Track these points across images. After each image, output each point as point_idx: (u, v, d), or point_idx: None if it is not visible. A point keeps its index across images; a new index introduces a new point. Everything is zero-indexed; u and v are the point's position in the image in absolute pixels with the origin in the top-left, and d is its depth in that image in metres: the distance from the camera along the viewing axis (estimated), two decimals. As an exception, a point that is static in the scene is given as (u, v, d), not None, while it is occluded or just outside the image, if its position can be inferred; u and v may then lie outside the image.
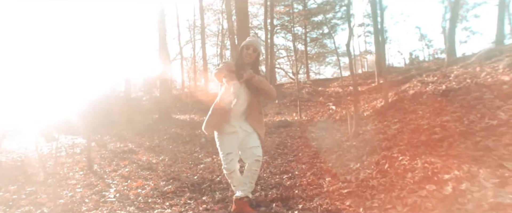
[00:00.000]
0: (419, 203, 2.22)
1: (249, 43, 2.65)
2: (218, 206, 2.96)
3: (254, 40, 2.70)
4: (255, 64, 2.69)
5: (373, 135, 3.89)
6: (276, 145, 5.07)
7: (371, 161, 3.13)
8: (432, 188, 2.31)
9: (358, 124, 4.16)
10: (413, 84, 6.00)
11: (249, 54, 2.62)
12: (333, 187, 2.88)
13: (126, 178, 4.51)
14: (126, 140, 8.16)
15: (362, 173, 2.99)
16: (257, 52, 2.65)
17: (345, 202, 2.58)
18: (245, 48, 2.63)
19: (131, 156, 6.08)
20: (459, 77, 4.86)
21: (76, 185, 4.43)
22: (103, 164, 5.63)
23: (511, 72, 4.13)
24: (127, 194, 3.73)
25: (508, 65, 4.48)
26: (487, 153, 2.46)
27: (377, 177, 2.77)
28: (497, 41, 12.32)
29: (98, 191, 4.04)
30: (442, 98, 4.13)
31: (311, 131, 5.50)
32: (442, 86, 4.84)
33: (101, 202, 3.57)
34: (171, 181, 4.04)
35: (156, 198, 3.47)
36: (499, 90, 3.94)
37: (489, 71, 4.66)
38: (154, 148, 6.59)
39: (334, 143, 4.27)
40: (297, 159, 4.11)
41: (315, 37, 19.02)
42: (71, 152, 7.50)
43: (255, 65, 2.68)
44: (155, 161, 5.38)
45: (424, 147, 2.98)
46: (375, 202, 2.45)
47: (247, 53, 2.61)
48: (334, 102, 8.35)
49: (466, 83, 4.36)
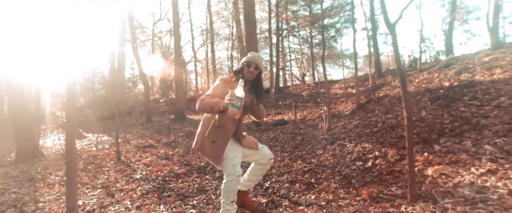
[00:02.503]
0: (349, 173, 3.26)
1: (250, 60, 2.53)
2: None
3: (255, 57, 2.56)
4: (257, 82, 2.60)
5: (339, 130, 4.89)
6: (269, 139, 6.13)
7: (330, 148, 4.15)
8: (359, 163, 3.34)
9: (331, 121, 5.15)
10: (386, 88, 6.94)
11: (251, 71, 2.50)
12: (300, 167, 3.93)
13: (148, 165, 5.68)
14: (147, 137, 9.40)
15: (322, 157, 4.02)
16: (259, 69, 2.55)
17: (304, 176, 3.63)
18: (247, 65, 2.52)
19: (151, 150, 7.27)
20: (419, 82, 5.75)
21: (109, 171, 5.65)
22: (128, 156, 6.84)
23: (452, 79, 5.02)
24: (150, 175, 4.90)
25: (455, 72, 5.36)
26: (401, 140, 3.44)
27: (329, 159, 3.80)
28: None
29: (127, 174, 5.23)
30: (395, 101, 5.08)
31: (300, 127, 6.52)
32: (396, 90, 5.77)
33: (130, 180, 4.75)
34: (183, 166, 5.17)
35: (171, 178, 4.61)
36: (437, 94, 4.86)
37: (442, 77, 5.55)
38: (171, 143, 7.76)
39: (313, 136, 5.30)
40: (282, 149, 5.17)
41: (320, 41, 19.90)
42: (101, 147, 8.81)
43: (257, 82, 2.59)
44: (171, 153, 6.54)
45: (365, 136, 3.97)
46: (323, 175, 3.50)
47: (248, 71, 2.50)
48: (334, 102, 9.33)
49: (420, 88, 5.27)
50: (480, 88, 4.00)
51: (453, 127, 3.28)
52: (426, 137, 3.29)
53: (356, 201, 2.62)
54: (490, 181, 2.33)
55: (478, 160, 2.65)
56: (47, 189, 5.01)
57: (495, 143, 2.79)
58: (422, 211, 2.17)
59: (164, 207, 3.39)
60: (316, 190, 3.11)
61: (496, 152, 2.67)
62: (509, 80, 3.99)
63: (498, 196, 2.09)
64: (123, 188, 4.40)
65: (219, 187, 3.85)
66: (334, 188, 3.04)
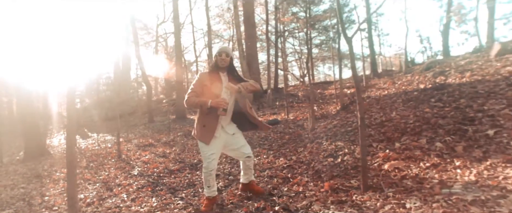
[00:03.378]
0: (320, 169, 3.62)
1: (221, 50, 2.85)
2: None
3: (225, 47, 2.92)
4: (231, 68, 2.92)
5: (321, 129, 5.24)
6: (260, 138, 6.50)
7: (309, 146, 4.51)
8: (331, 159, 3.70)
9: (320, 121, 5.49)
10: (371, 90, 7.27)
11: (223, 59, 2.81)
12: (281, 163, 4.30)
13: (146, 163, 6.08)
14: (147, 137, 9.83)
15: (301, 154, 4.39)
16: (230, 57, 2.85)
17: (283, 171, 4.00)
18: (218, 55, 2.83)
19: (151, 148, 7.69)
20: (400, 84, 6.08)
21: (110, 168, 6.08)
22: (129, 154, 7.26)
23: (429, 81, 5.34)
24: (146, 172, 5.30)
25: (433, 75, 5.67)
26: (369, 139, 3.79)
27: (306, 156, 4.17)
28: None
29: (126, 171, 5.65)
30: (374, 102, 5.42)
31: (290, 127, 6.88)
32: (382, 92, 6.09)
33: (128, 176, 5.16)
34: (178, 163, 5.57)
35: (165, 174, 5.01)
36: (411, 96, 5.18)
37: (422, 79, 5.87)
38: (169, 142, 8.17)
39: (297, 135, 5.66)
40: (270, 147, 5.53)
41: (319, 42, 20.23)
42: (104, 146, 9.27)
43: (230, 69, 2.92)
44: (169, 151, 6.95)
45: (340, 135, 4.32)
46: (299, 170, 3.86)
47: (220, 59, 2.81)
48: (321, 103, 9.66)
49: (399, 90, 5.60)
50: (447, 91, 4.33)
51: (415, 126, 3.63)
52: (390, 135, 3.63)
53: (320, 192, 2.98)
54: (431, 173, 2.68)
55: (427, 156, 3.00)
56: (53, 185, 5.44)
57: (445, 141, 3.13)
58: (369, 199, 2.53)
59: (155, 199, 3.78)
60: (290, 184, 3.47)
61: (443, 149, 3.01)
62: (474, 83, 4.31)
63: (431, 185, 2.44)
64: (121, 183, 4.81)
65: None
66: (305, 181, 3.41)
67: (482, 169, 2.47)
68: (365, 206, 2.44)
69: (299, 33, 19.62)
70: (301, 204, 2.74)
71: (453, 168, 2.67)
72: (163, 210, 3.31)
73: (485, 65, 5.14)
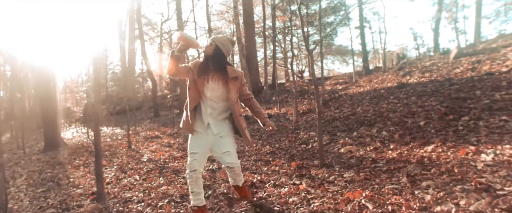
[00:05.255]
0: (294, 153, 4.49)
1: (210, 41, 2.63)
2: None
3: (215, 36, 2.67)
4: (215, 57, 2.56)
5: (302, 122, 6.11)
6: (253, 130, 7.38)
7: (290, 136, 5.38)
8: (303, 146, 4.57)
9: (299, 115, 6.37)
10: (352, 87, 8.11)
11: (207, 46, 2.60)
12: (266, 150, 5.18)
13: (153, 151, 7.00)
14: (154, 130, 10.77)
15: (283, 143, 5.27)
16: (213, 45, 2.57)
17: (266, 156, 4.87)
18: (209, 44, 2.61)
19: (157, 140, 8.61)
20: (375, 82, 6.89)
21: (122, 156, 7.00)
22: (138, 145, 8.19)
23: (396, 80, 6.15)
24: (154, 158, 6.22)
25: (402, 75, 6.47)
26: (335, 129, 4.63)
27: (286, 143, 5.04)
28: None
29: (136, 158, 6.57)
30: (347, 98, 6.26)
31: (279, 120, 7.76)
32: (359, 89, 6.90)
33: (139, 162, 6.08)
34: (181, 151, 6.48)
35: (170, 160, 5.92)
36: (378, 93, 6.01)
37: (393, 78, 6.68)
38: (173, 135, 9.09)
39: (284, 128, 6.54)
40: (260, 138, 6.41)
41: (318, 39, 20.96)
42: (114, 138, 10.23)
43: (214, 57, 2.56)
44: (173, 141, 7.86)
45: (314, 127, 5.17)
46: (279, 155, 4.74)
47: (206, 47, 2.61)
48: (311, 99, 10.51)
49: (372, 88, 6.42)
50: (405, 89, 5.15)
51: (371, 119, 4.47)
52: (351, 126, 4.48)
53: (290, 170, 3.86)
54: (370, 154, 3.54)
55: (374, 142, 3.86)
56: (74, 170, 6.39)
57: (390, 130, 3.98)
58: (322, 172, 3.40)
59: (162, 178, 4.68)
60: (270, 165, 4.35)
61: (387, 136, 3.86)
62: (427, 83, 5.13)
63: (365, 161, 3.31)
64: (133, 167, 5.73)
65: (205, 166, 5.14)
66: (281, 163, 4.28)
67: (404, 150, 3.33)
68: (318, 177, 3.31)
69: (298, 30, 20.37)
70: (273, 178, 3.62)
71: (387, 150, 3.53)
72: (169, 185, 4.22)
73: (443, 67, 5.94)
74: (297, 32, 20.14)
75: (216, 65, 2.55)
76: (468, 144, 3.09)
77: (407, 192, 2.32)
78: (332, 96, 7.46)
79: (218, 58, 2.58)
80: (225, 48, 2.61)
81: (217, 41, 2.59)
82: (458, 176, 2.39)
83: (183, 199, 3.76)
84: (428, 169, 2.69)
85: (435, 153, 3.06)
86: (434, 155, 3.00)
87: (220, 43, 2.60)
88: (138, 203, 3.84)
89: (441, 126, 3.64)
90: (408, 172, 2.71)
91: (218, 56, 2.58)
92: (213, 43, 2.57)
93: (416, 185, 2.43)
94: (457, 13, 16.37)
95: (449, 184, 2.30)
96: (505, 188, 1.97)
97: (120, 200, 4.09)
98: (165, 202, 3.65)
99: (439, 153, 3.03)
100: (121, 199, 4.15)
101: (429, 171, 2.65)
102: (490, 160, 2.56)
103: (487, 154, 2.68)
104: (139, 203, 3.84)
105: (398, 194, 2.34)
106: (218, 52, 2.57)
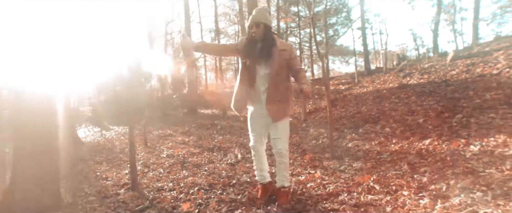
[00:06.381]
0: (306, 148, 4.98)
1: (251, 22, 2.45)
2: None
3: (254, 16, 2.46)
4: (266, 38, 2.43)
5: (311, 120, 6.61)
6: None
7: (300, 134, 5.88)
8: (314, 141, 5.06)
9: (307, 114, 6.86)
10: (356, 87, 8.62)
11: (254, 31, 2.42)
12: (278, 146, 5.67)
13: (170, 148, 7.49)
14: (165, 128, 11.26)
15: (294, 139, 5.76)
16: (260, 26, 2.40)
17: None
18: (250, 28, 2.46)
19: (171, 138, 9.10)
20: (378, 83, 7.38)
21: (141, 152, 7.49)
22: (153, 143, 8.68)
23: (397, 81, 6.65)
24: (173, 154, 6.71)
25: (402, 76, 6.96)
26: (342, 126, 5.12)
27: (297, 139, 5.54)
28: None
29: (156, 154, 7.06)
30: (351, 98, 6.75)
31: (288, 119, 8.26)
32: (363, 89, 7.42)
33: (159, 157, 6.57)
34: (197, 148, 6.97)
35: (189, 155, 6.41)
36: (380, 94, 6.50)
37: (394, 79, 7.17)
38: (186, 133, 9.59)
39: (293, 126, 7.03)
40: (271, 135, 6.91)
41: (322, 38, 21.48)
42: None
43: (266, 39, 2.43)
44: (187, 139, 8.36)
45: (324, 124, 5.67)
46: (291, 150, 5.23)
47: (251, 33, 2.43)
48: (317, 98, 11.02)
49: (374, 88, 6.93)
50: (405, 90, 5.65)
51: (375, 116, 4.97)
52: (357, 123, 4.98)
53: (303, 162, 4.35)
54: (375, 147, 4.04)
55: (378, 137, 4.35)
56: (98, 165, 6.87)
57: (392, 126, 4.47)
58: (333, 163, 3.90)
59: (185, 171, 5.17)
60: (284, 158, 4.84)
61: (389, 132, 4.36)
62: (425, 84, 5.62)
63: (371, 154, 3.80)
64: (155, 162, 6.22)
65: (223, 160, 5.63)
66: (295, 157, 4.77)
67: (405, 143, 3.83)
68: (330, 167, 3.81)
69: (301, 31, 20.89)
70: (289, 168, 4.12)
71: (390, 144, 4.02)
72: (194, 176, 4.71)
73: (440, 69, 6.43)
74: (299, 33, 20.67)
75: (268, 45, 2.43)
76: (460, 137, 3.58)
77: (408, 176, 2.82)
78: (338, 97, 7.95)
79: (270, 38, 2.46)
80: (270, 22, 2.50)
81: (264, 20, 2.43)
82: (449, 163, 2.89)
83: (212, 187, 4.26)
84: (425, 158, 3.19)
85: (431, 146, 3.55)
86: (431, 147, 3.50)
87: (267, 20, 2.46)
88: (170, 191, 4.32)
89: (437, 122, 4.13)
90: (408, 161, 3.21)
91: (269, 37, 2.46)
92: (260, 24, 2.41)
93: (415, 171, 2.93)
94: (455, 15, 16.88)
95: (442, 169, 2.80)
96: (485, 171, 2.47)
97: (153, 189, 4.57)
98: (195, 189, 4.14)
99: (435, 146, 3.53)
100: (153, 188, 4.64)
101: (426, 159, 3.15)
102: (477, 150, 3.06)
103: (475, 146, 3.18)
104: (171, 191, 4.33)
105: (400, 178, 2.84)
106: (267, 32, 2.45)
